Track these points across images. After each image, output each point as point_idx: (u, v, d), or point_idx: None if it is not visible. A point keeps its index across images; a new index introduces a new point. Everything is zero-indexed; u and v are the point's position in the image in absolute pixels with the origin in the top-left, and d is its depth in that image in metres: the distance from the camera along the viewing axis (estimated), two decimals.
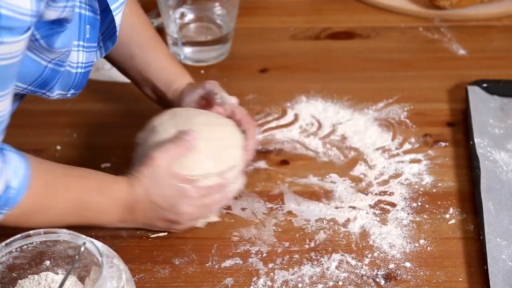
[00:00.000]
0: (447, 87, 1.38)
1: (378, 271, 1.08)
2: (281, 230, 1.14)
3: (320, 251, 1.11)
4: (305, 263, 1.09)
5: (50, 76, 1.00)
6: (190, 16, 1.45)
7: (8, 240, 0.92)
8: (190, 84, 1.22)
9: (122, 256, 0.94)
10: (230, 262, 1.10)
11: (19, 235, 0.93)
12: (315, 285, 1.07)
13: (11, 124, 0.94)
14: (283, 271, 1.08)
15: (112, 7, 1.01)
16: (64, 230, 0.93)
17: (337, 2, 1.58)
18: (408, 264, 1.09)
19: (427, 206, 1.17)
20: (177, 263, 1.10)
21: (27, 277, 0.95)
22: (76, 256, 0.91)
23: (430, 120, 1.32)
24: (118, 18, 1.03)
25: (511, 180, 1.18)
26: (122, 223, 1.10)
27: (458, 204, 1.17)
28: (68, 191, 1.05)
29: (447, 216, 1.16)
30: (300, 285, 1.07)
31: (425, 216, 1.16)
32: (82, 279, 0.95)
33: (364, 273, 1.08)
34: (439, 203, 1.18)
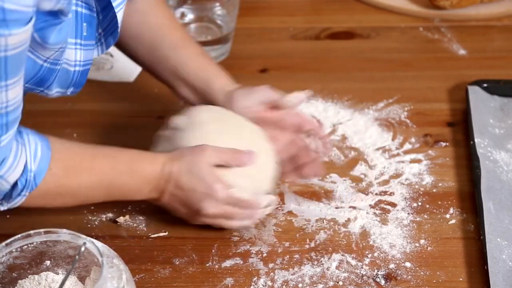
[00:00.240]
0: (447, 87, 1.38)
1: (378, 271, 1.08)
2: (281, 230, 1.14)
3: (320, 251, 1.11)
4: (305, 263, 1.09)
5: (46, 74, 1.00)
6: (190, 16, 1.45)
7: (8, 240, 0.92)
8: (241, 88, 1.19)
9: (122, 256, 0.94)
10: (231, 262, 1.10)
11: (19, 235, 0.92)
12: (315, 285, 1.07)
13: None
14: (283, 271, 1.08)
15: (114, 4, 1.00)
16: (64, 230, 0.92)
17: (337, 2, 1.58)
18: (408, 264, 1.09)
19: (427, 206, 1.17)
20: (177, 263, 1.10)
21: (27, 277, 0.95)
22: (77, 256, 0.91)
23: (430, 120, 1.32)
24: (120, 15, 1.03)
25: (511, 180, 1.18)
26: (151, 200, 1.10)
27: (458, 204, 1.17)
28: (93, 171, 1.04)
29: (448, 216, 1.16)
30: (300, 285, 1.07)
31: (425, 216, 1.16)
32: (82, 279, 0.95)
33: (364, 273, 1.08)
34: (440, 203, 1.18)
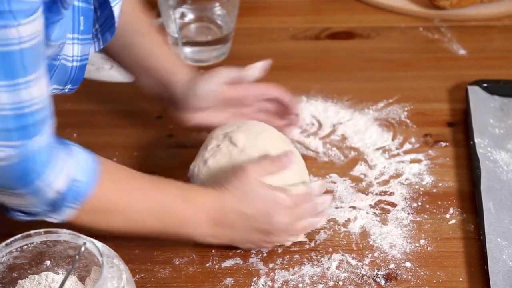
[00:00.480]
0: (447, 87, 1.38)
1: (378, 271, 1.08)
2: None
3: (321, 251, 1.11)
4: (305, 263, 1.09)
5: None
6: (190, 16, 1.45)
7: (8, 240, 0.92)
8: (201, 75, 1.18)
9: (122, 256, 0.94)
10: (231, 262, 1.10)
11: (19, 235, 0.92)
12: (315, 285, 1.07)
13: None
14: (283, 271, 1.08)
15: None
16: (64, 230, 0.92)
17: (337, 2, 1.58)
18: (408, 264, 1.09)
19: (427, 206, 1.17)
20: (177, 263, 1.10)
21: (28, 277, 0.95)
22: (77, 256, 0.91)
23: (430, 120, 1.32)
24: (116, 10, 1.02)
25: (511, 180, 1.18)
26: (213, 238, 1.06)
27: (458, 204, 1.17)
28: (144, 191, 1.01)
29: (448, 216, 1.16)
30: (300, 285, 1.07)
31: (425, 216, 1.16)
32: (82, 279, 0.95)
33: (364, 273, 1.08)
34: (440, 203, 1.18)
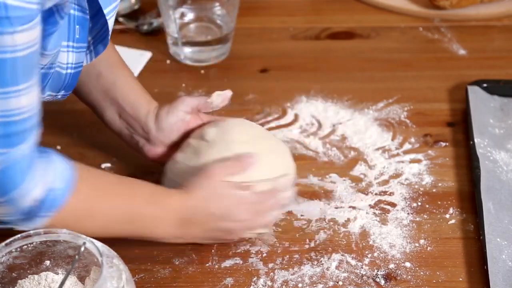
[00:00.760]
0: (447, 87, 1.38)
1: (378, 271, 1.08)
2: (281, 230, 1.14)
3: (320, 251, 1.11)
4: (305, 263, 1.09)
5: (41, 78, 0.99)
6: (190, 16, 1.45)
7: (8, 240, 0.92)
8: (162, 107, 1.16)
9: (122, 256, 0.94)
10: (230, 262, 1.10)
11: (19, 235, 0.92)
12: (315, 285, 1.07)
13: None
14: (283, 271, 1.08)
15: (105, 11, 1.00)
16: (64, 230, 0.92)
17: (337, 2, 1.58)
18: (408, 264, 1.09)
19: (427, 206, 1.17)
20: (177, 263, 1.10)
21: (27, 277, 0.95)
22: (76, 256, 0.91)
23: (430, 120, 1.32)
24: (111, 22, 1.02)
25: (511, 180, 1.18)
26: (179, 239, 1.08)
27: (458, 204, 1.17)
28: (117, 196, 1.02)
29: (447, 216, 1.16)
30: (300, 285, 1.07)
31: (425, 216, 1.16)
32: (82, 279, 0.95)
33: (364, 273, 1.08)
34: (439, 203, 1.18)
